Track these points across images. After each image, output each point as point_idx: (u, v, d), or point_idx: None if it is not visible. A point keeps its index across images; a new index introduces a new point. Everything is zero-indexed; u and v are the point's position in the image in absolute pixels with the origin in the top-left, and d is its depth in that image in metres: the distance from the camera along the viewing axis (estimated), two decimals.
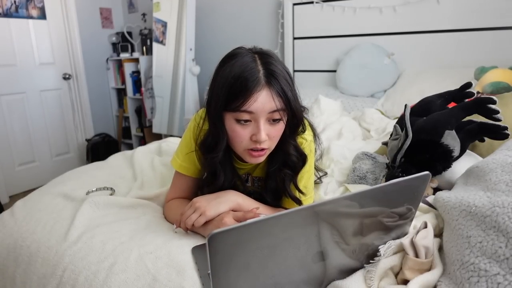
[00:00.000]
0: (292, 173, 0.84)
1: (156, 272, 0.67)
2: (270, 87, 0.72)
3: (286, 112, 0.76)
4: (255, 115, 0.73)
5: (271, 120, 0.74)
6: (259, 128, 0.73)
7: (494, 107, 0.88)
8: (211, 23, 3.02)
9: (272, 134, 0.76)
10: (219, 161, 0.82)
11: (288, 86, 0.74)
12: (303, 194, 0.87)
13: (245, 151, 0.78)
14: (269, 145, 0.77)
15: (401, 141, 0.92)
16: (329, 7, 2.37)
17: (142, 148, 1.46)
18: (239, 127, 0.75)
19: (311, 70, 2.60)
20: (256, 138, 0.74)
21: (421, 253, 0.61)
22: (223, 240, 0.46)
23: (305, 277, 0.60)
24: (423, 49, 2.12)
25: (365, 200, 0.57)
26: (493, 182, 0.65)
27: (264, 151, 0.77)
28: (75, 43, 3.10)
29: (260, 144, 0.75)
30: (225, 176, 0.84)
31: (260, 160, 0.80)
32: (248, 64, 0.72)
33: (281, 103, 0.73)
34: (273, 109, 0.72)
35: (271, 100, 0.72)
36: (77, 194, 1.01)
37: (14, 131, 2.80)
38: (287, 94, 0.73)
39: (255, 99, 0.71)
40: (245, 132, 0.75)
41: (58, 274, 0.75)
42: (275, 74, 0.72)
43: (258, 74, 0.71)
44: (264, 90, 0.71)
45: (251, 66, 0.72)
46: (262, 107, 0.72)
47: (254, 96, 0.71)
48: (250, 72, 0.71)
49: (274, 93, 0.72)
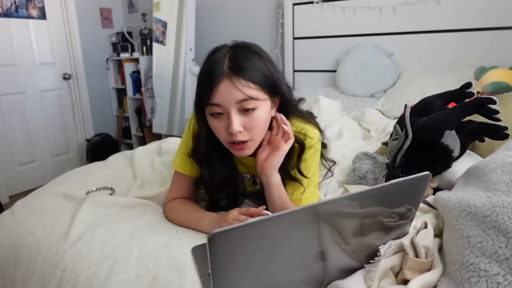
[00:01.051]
0: (288, 159, 0.84)
1: (156, 272, 0.67)
2: (232, 77, 0.72)
3: (270, 97, 0.77)
4: (223, 107, 0.73)
5: (243, 111, 0.74)
6: (230, 120, 0.73)
7: (494, 107, 0.88)
8: (211, 23, 3.02)
9: (249, 124, 0.75)
10: (207, 152, 0.84)
11: (261, 74, 0.74)
12: (305, 176, 0.86)
13: (227, 144, 0.79)
14: (249, 137, 0.77)
15: (401, 141, 0.92)
16: (329, 7, 2.37)
17: (142, 148, 1.46)
18: (214, 121, 0.76)
19: (311, 70, 2.59)
20: (229, 130, 0.74)
21: (421, 253, 0.61)
22: (223, 240, 0.46)
23: (305, 277, 0.60)
24: (423, 49, 2.12)
25: (365, 200, 0.57)
26: (493, 182, 0.65)
27: (245, 144, 0.77)
28: (75, 43, 3.10)
29: (236, 137, 0.75)
30: (216, 170, 0.85)
31: (244, 153, 0.79)
32: (217, 59, 0.74)
33: (251, 91, 0.72)
34: (240, 99, 0.72)
35: (235, 90, 0.72)
36: (77, 194, 1.01)
37: (14, 131, 2.80)
38: (258, 80, 0.73)
39: (218, 91, 0.72)
40: (221, 125, 0.76)
41: (58, 274, 0.75)
42: (242, 64, 0.73)
43: (222, 67, 0.73)
44: (225, 80, 0.72)
45: (219, 59, 0.74)
46: (227, 98, 0.72)
47: (216, 87, 0.72)
48: (215, 66, 0.73)
49: (237, 82, 0.71)
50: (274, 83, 0.77)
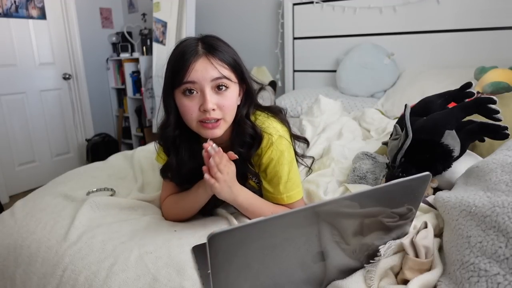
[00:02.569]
0: (247, 152, 0.85)
1: (156, 271, 0.67)
2: (208, 55, 0.76)
3: (238, 83, 0.81)
4: (198, 85, 0.75)
5: (216, 89, 0.77)
6: (205, 97, 0.75)
7: (494, 107, 0.88)
8: (211, 23, 3.02)
9: (221, 103, 0.77)
10: (174, 140, 0.85)
11: (232, 58, 0.80)
12: (254, 171, 0.87)
13: (198, 124, 0.79)
14: (222, 116, 0.78)
15: (401, 141, 0.92)
16: (329, 7, 2.37)
17: (142, 148, 1.46)
18: (186, 100, 0.77)
19: (311, 70, 2.59)
20: (204, 107, 0.75)
21: (421, 253, 0.61)
22: (223, 240, 0.46)
23: (305, 277, 0.60)
24: (423, 49, 2.12)
25: (366, 200, 0.57)
26: (493, 182, 0.65)
27: (218, 122, 0.78)
28: (75, 43, 3.10)
29: (210, 114, 0.76)
30: (184, 159, 0.85)
31: (216, 133, 0.79)
32: (189, 43, 0.79)
33: (225, 71, 0.77)
34: (215, 77, 0.75)
35: (211, 68, 0.75)
36: (77, 195, 1.01)
37: (14, 131, 2.80)
38: (230, 62, 0.78)
39: (194, 68, 0.75)
40: (193, 104, 0.77)
41: (58, 274, 0.75)
42: (215, 46, 0.78)
43: (196, 48, 0.77)
44: (201, 58, 0.76)
45: (191, 43, 0.78)
46: (202, 75, 0.75)
47: (192, 65, 0.75)
48: (188, 48, 0.77)
49: (213, 61, 0.76)
50: (241, 71, 0.82)
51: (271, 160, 0.85)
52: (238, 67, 0.81)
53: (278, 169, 0.85)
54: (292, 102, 2.21)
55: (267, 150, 0.85)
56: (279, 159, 0.85)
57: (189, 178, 0.88)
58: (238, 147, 0.84)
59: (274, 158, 0.85)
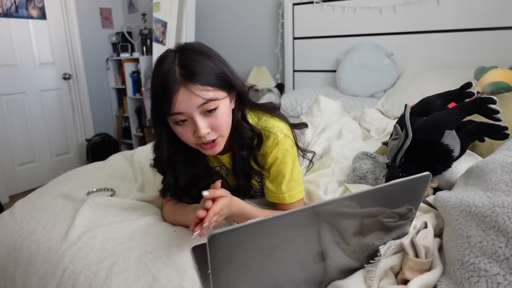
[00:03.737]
0: (249, 153, 0.85)
1: (156, 272, 0.67)
2: (187, 84, 0.71)
3: (227, 94, 0.78)
4: (186, 114, 0.74)
5: (206, 113, 0.75)
6: (196, 125, 0.74)
7: (494, 107, 0.88)
8: (211, 23, 3.02)
9: (214, 124, 0.76)
10: (170, 159, 0.84)
11: (214, 75, 0.74)
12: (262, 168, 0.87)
13: (197, 146, 0.79)
14: (218, 135, 0.78)
15: (401, 141, 0.92)
16: (329, 7, 2.37)
17: (142, 148, 1.46)
18: (179, 128, 0.76)
19: (311, 70, 2.59)
20: (197, 134, 0.75)
21: (421, 253, 0.61)
22: (223, 240, 0.46)
23: (305, 277, 0.60)
24: (423, 49, 2.12)
25: (366, 200, 0.57)
26: (493, 182, 0.65)
27: (215, 142, 0.78)
28: (75, 43, 3.10)
29: (205, 138, 0.76)
30: (181, 173, 0.85)
31: (215, 151, 0.80)
32: (167, 68, 0.73)
33: (209, 94, 0.73)
34: (200, 103, 0.73)
35: (193, 96, 0.72)
36: (77, 195, 1.01)
37: (14, 131, 2.80)
38: (212, 82, 0.74)
39: (177, 100, 0.72)
40: (187, 131, 0.76)
41: (58, 274, 0.75)
42: (193, 69, 0.72)
43: (174, 75, 0.72)
44: (181, 88, 0.71)
45: (169, 68, 0.73)
46: (187, 105, 0.72)
47: (174, 97, 0.72)
48: (167, 76, 0.72)
49: (194, 89, 0.71)
50: (228, 80, 0.77)
51: (276, 159, 0.86)
52: (224, 79, 0.76)
53: (282, 167, 0.86)
54: (292, 102, 2.21)
55: (272, 150, 0.85)
56: (283, 158, 0.85)
57: (187, 190, 0.88)
58: (238, 150, 0.85)
59: (279, 157, 0.85)
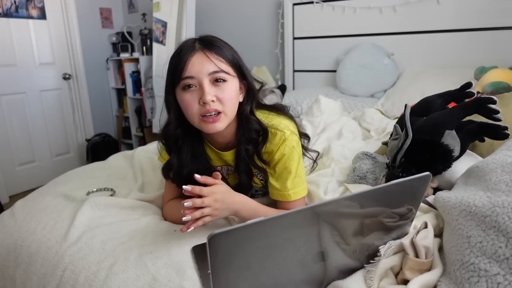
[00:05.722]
0: (254, 149, 0.85)
1: (156, 272, 0.67)
2: (204, 50, 0.78)
3: (238, 78, 0.81)
4: (196, 79, 0.77)
5: (215, 82, 0.78)
6: (203, 90, 0.76)
7: (494, 107, 0.88)
8: (211, 23, 3.02)
9: (220, 95, 0.78)
10: (176, 138, 0.86)
11: (230, 54, 0.81)
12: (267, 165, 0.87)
13: (200, 120, 0.79)
14: (222, 108, 0.78)
15: (401, 141, 0.92)
16: (329, 7, 2.37)
17: (142, 148, 1.46)
18: (187, 95, 0.78)
19: (311, 70, 2.59)
20: (203, 100, 0.76)
21: (421, 253, 0.61)
22: (224, 240, 0.46)
23: (305, 277, 0.60)
24: (423, 49, 2.12)
25: (366, 200, 0.57)
26: (493, 182, 0.65)
27: (218, 116, 0.78)
28: (75, 43, 3.10)
29: (209, 106, 0.77)
30: (186, 160, 0.86)
31: (217, 127, 0.79)
32: (187, 43, 0.80)
33: (222, 65, 0.78)
34: (212, 70, 0.77)
35: (208, 62, 0.77)
36: (77, 195, 1.01)
37: (14, 131, 2.79)
38: (227, 57, 0.79)
39: (191, 62, 0.76)
40: (193, 97, 0.78)
41: (58, 274, 0.75)
42: (212, 42, 0.80)
43: (193, 45, 0.79)
44: (198, 52, 0.78)
45: (189, 43, 0.80)
46: (199, 69, 0.76)
47: (189, 60, 0.77)
48: (186, 45, 0.79)
49: (210, 55, 0.77)
50: (240, 67, 0.83)
51: (283, 156, 0.86)
52: (237, 62, 0.82)
53: (288, 164, 0.86)
54: (292, 102, 2.21)
55: (280, 146, 0.85)
56: (290, 155, 0.86)
57: (190, 180, 0.87)
58: (244, 145, 0.85)
59: (286, 153, 0.86)
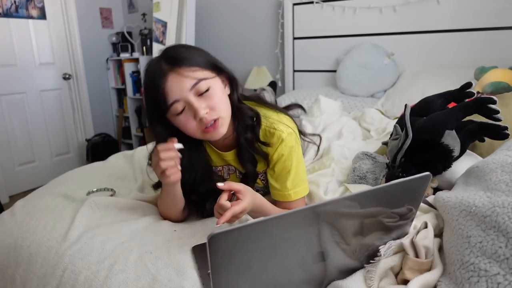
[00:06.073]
0: (252, 134, 0.85)
1: (156, 272, 0.67)
2: (174, 68, 0.74)
3: (217, 75, 0.80)
4: (182, 100, 0.75)
5: (200, 95, 0.76)
6: (194, 108, 0.75)
7: (494, 107, 0.88)
8: (211, 23, 3.02)
9: (211, 103, 0.77)
10: None
11: (199, 57, 0.78)
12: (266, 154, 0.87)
13: (202, 133, 0.79)
14: (217, 115, 0.78)
15: (401, 141, 0.92)
16: (329, 7, 2.37)
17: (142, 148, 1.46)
18: (181, 118, 0.77)
19: (311, 70, 2.59)
20: (198, 117, 0.76)
21: (421, 253, 0.61)
22: (224, 240, 0.46)
23: (305, 277, 0.60)
24: (423, 49, 2.12)
25: (366, 200, 0.57)
26: (493, 182, 0.65)
27: (216, 122, 0.78)
28: (75, 43, 3.10)
29: (206, 119, 0.76)
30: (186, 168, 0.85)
31: (220, 132, 0.80)
32: (153, 66, 0.77)
33: (198, 74, 0.75)
34: (192, 84, 0.75)
35: (183, 78, 0.74)
36: (77, 195, 1.01)
37: (14, 131, 2.80)
38: (199, 63, 0.76)
39: (168, 88, 0.74)
40: (187, 117, 0.77)
41: (58, 274, 0.74)
42: (177, 56, 0.76)
43: (160, 67, 0.75)
44: (169, 75, 0.74)
45: (154, 65, 0.77)
46: (180, 90, 0.74)
47: (165, 86, 0.74)
48: (154, 71, 0.76)
49: (181, 70, 0.74)
50: (214, 62, 0.80)
51: (281, 156, 0.86)
52: (210, 62, 0.79)
53: (287, 164, 0.86)
54: (292, 102, 2.21)
55: (277, 147, 0.85)
56: (288, 155, 0.86)
57: (193, 187, 0.87)
58: (243, 134, 0.85)
59: (284, 153, 0.86)
